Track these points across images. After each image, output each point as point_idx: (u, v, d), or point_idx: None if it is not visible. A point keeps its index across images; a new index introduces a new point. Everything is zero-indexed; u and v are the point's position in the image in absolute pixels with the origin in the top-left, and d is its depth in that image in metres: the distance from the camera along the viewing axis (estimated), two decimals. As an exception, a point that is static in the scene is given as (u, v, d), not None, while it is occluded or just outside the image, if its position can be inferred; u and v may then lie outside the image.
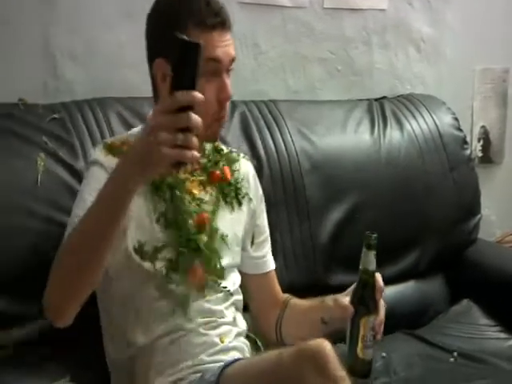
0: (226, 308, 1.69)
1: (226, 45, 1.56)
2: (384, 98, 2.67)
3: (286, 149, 2.33)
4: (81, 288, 1.43)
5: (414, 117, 2.58)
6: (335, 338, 2.13)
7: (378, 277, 1.54)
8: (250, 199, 1.80)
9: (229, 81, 1.58)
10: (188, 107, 1.18)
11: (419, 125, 2.56)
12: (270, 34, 2.52)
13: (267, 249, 1.88)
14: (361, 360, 1.50)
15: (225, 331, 1.66)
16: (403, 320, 2.29)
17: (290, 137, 2.36)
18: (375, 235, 1.47)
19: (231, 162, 1.78)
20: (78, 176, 1.95)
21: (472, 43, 2.90)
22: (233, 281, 1.73)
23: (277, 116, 2.37)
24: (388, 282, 1.70)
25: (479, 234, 2.61)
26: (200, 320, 1.62)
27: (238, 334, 1.70)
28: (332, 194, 2.35)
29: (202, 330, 1.62)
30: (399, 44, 2.80)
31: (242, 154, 1.86)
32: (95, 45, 2.21)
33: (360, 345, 1.49)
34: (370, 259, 1.49)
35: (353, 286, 1.58)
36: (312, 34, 2.62)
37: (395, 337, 2.24)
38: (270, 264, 1.87)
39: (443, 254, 2.51)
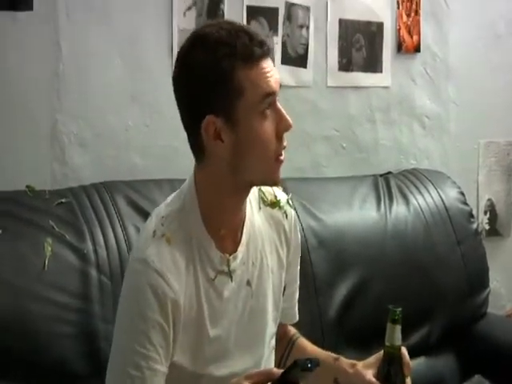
0: None
1: (274, 71, 1.44)
2: (389, 173, 2.70)
3: (293, 226, 2.35)
4: None
5: (420, 192, 2.59)
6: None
7: (404, 351, 1.49)
8: None
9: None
10: None
11: (425, 199, 2.58)
12: (274, 114, 2.57)
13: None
14: None
15: None
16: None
17: (296, 213, 2.37)
18: (400, 309, 1.44)
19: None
20: (86, 259, 1.98)
21: (475, 117, 2.94)
22: None
23: (282, 193, 2.40)
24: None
25: (488, 308, 2.60)
26: None
27: None
28: (339, 270, 2.36)
29: None
30: (403, 120, 2.84)
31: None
32: (102, 130, 2.28)
33: None
34: (395, 334, 1.45)
35: (371, 358, 1.55)
36: (316, 112, 2.67)
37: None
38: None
39: (453, 328, 2.49)
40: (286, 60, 2.58)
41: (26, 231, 1.95)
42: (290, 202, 1.68)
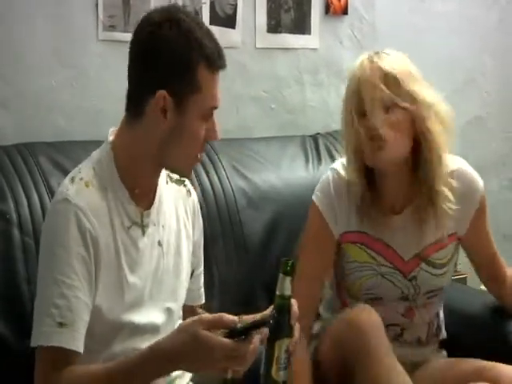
0: None
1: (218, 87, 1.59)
2: (317, 134, 2.72)
3: (222, 186, 2.35)
4: None
5: (347, 152, 2.61)
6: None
7: (294, 302, 1.53)
8: None
9: None
10: None
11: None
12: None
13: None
14: (274, 381, 1.50)
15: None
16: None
17: (226, 174, 2.38)
18: (292, 261, 1.49)
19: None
20: (7, 219, 1.94)
21: (401, 79, 2.97)
22: None
23: (211, 154, 2.40)
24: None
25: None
26: None
27: None
28: (269, 229, 2.37)
29: None
30: (331, 82, 2.86)
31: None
32: (24, 90, 2.23)
33: (275, 367, 1.49)
34: (286, 285, 1.49)
35: (265, 312, 1.58)
36: (245, 74, 2.67)
37: None
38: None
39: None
40: (215, 20, 2.57)
41: None
42: (191, 188, 1.79)
